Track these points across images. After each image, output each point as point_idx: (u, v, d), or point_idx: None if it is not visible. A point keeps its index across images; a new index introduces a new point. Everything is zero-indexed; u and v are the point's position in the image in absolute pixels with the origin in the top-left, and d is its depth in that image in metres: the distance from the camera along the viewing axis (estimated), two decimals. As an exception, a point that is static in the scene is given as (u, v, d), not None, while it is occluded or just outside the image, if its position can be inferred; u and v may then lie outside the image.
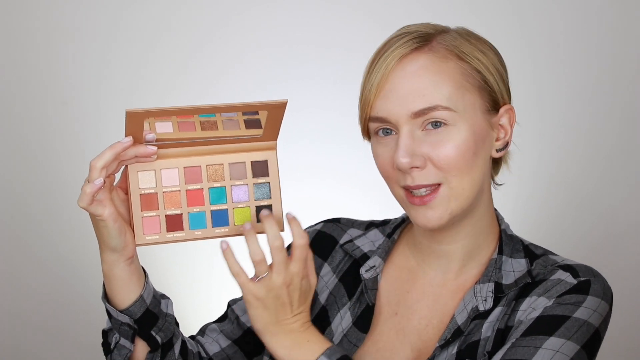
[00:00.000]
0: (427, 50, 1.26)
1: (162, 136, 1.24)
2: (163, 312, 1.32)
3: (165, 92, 2.54)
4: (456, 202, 1.27)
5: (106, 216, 1.22)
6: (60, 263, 2.52)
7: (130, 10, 2.51)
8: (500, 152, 1.31)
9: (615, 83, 2.48)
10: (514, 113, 1.31)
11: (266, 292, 1.23)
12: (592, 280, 1.26)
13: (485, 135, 1.28)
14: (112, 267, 1.26)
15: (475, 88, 1.27)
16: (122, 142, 1.21)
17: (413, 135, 1.25)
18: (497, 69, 1.29)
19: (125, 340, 1.30)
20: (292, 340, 1.26)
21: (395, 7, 2.49)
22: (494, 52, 1.31)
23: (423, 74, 1.25)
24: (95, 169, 1.19)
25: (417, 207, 1.27)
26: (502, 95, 1.29)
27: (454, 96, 1.25)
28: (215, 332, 1.45)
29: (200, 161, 1.26)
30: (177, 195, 1.26)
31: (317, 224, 1.49)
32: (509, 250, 1.34)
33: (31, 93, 2.50)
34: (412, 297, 1.36)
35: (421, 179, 1.25)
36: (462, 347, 1.28)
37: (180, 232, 1.26)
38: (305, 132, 2.52)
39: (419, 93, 1.24)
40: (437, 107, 1.24)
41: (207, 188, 1.27)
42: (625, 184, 2.49)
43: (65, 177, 2.48)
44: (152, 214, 1.25)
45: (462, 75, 1.26)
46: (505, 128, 1.31)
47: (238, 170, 1.28)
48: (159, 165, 1.25)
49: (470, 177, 1.26)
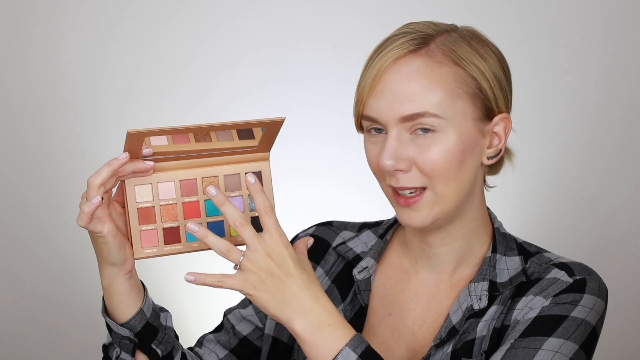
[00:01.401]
0: (423, 53, 1.25)
1: (157, 149, 1.24)
2: (163, 325, 1.32)
3: (165, 92, 2.54)
4: (440, 206, 1.27)
5: (106, 232, 1.22)
6: (60, 263, 2.52)
7: (130, 10, 2.51)
8: (492, 160, 1.30)
9: (615, 83, 2.48)
10: (509, 122, 1.29)
11: (255, 274, 1.20)
12: (588, 278, 1.27)
13: (475, 143, 1.27)
14: (112, 282, 1.27)
15: (467, 95, 1.25)
16: (119, 158, 1.21)
17: (400, 138, 1.25)
18: (495, 75, 1.27)
19: (126, 354, 1.30)
20: (311, 323, 1.20)
21: (395, 7, 2.48)
22: (497, 57, 1.29)
23: (415, 78, 1.24)
24: (93, 187, 1.19)
25: (402, 207, 1.28)
26: (497, 103, 1.27)
27: (444, 103, 1.24)
28: (212, 343, 1.45)
29: (195, 174, 1.27)
30: (174, 208, 1.27)
31: (310, 228, 1.49)
32: (503, 248, 1.34)
33: (31, 93, 2.49)
34: (405, 296, 1.36)
35: (406, 182, 1.26)
36: (457, 347, 1.29)
37: (177, 245, 1.27)
38: (305, 132, 2.52)
39: (409, 98, 1.23)
40: (426, 113, 1.23)
41: (203, 200, 1.28)
42: (626, 184, 2.49)
43: (65, 177, 2.48)
44: (150, 227, 1.26)
45: (455, 82, 1.25)
46: (500, 136, 1.29)
47: (233, 182, 1.29)
48: (156, 178, 1.26)
49: (455, 184, 1.26)
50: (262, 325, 1.45)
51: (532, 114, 2.43)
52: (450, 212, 1.28)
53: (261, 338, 1.45)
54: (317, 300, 1.21)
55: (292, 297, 1.20)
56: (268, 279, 1.20)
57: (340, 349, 1.20)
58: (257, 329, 1.45)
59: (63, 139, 2.51)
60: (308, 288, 1.21)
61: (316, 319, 1.20)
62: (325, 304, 1.21)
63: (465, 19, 1.38)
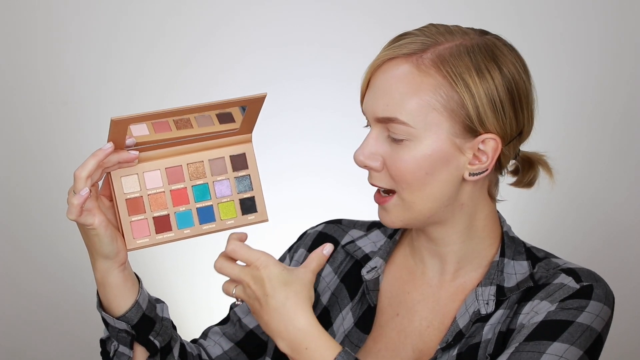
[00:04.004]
0: (414, 60, 1.24)
1: (140, 139, 1.25)
2: (159, 316, 1.32)
3: (165, 92, 2.54)
4: (409, 214, 1.27)
5: (97, 224, 1.22)
6: (59, 263, 2.52)
7: (130, 10, 2.51)
8: (474, 177, 1.26)
9: (615, 83, 2.47)
10: (499, 144, 1.25)
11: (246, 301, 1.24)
12: (595, 285, 1.26)
13: (448, 157, 1.24)
14: (106, 275, 1.26)
15: (445, 110, 1.23)
16: (103, 149, 1.22)
17: (378, 137, 1.26)
18: (490, 95, 1.23)
19: (124, 347, 1.30)
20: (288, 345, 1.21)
21: (395, 7, 2.48)
22: (508, 77, 1.25)
23: (396, 82, 1.24)
24: (80, 179, 1.19)
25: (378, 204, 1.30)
26: (481, 123, 1.23)
27: (416, 112, 1.22)
28: (217, 335, 1.45)
29: (180, 160, 1.28)
30: (162, 196, 1.27)
31: (319, 225, 1.48)
32: (511, 252, 1.33)
33: (31, 93, 2.50)
34: (412, 298, 1.36)
35: (376, 181, 1.28)
36: (462, 350, 1.28)
37: (169, 233, 1.27)
38: (304, 132, 2.52)
39: (385, 101, 1.24)
40: (395, 119, 1.23)
41: (191, 186, 1.29)
42: (626, 185, 2.49)
43: (65, 177, 2.47)
44: (140, 217, 1.26)
45: (435, 94, 1.22)
46: (487, 154, 1.25)
47: (218, 166, 1.30)
48: (141, 168, 1.27)
49: (421, 194, 1.25)
50: None
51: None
52: (422, 220, 1.28)
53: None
54: (290, 321, 1.21)
55: (270, 319, 1.22)
56: (253, 303, 1.23)
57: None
58: None
59: (63, 139, 2.51)
60: (283, 308, 1.21)
61: (292, 342, 1.21)
62: (302, 325, 1.21)
63: (465, 19, 1.38)
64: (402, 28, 1.31)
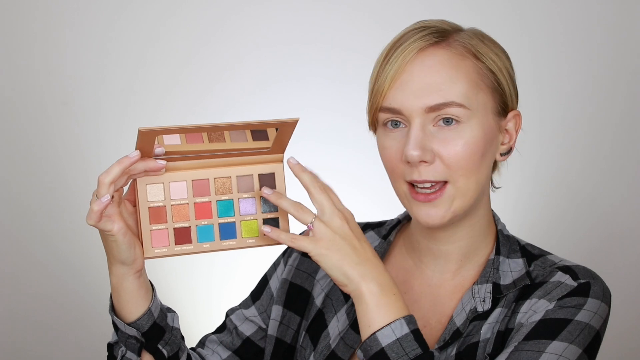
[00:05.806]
0: (445, 45, 1.27)
1: (170, 149, 1.23)
2: (169, 326, 1.32)
3: (165, 92, 2.53)
4: (460, 201, 1.27)
5: (115, 231, 1.21)
6: (60, 263, 2.52)
7: (130, 10, 2.51)
8: (504, 157, 1.31)
9: (615, 84, 2.48)
10: (520, 119, 1.31)
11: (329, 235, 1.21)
12: (592, 282, 1.27)
13: (494, 137, 1.28)
14: (122, 281, 1.26)
15: (488, 88, 1.27)
16: (129, 156, 1.19)
17: (424, 130, 1.25)
18: (509, 72, 1.29)
19: (131, 354, 1.30)
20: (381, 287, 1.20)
21: (396, 7, 2.48)
22: (506, 55, 1.31)
23: (441, 68, 1.25)
24: (104, 185, 1.18)
25: (420, 204, 1.27)
26: (512, 99, 1.30)
27: (469, 94, 1.25)
28: (214, 344, 1.45)
29: (208, 174, 1.26)
30: (186, 208, 1.26)
31: None
32: (506, 250, 1.34)
33: (31, 93, 2.49)
34: (409, 297, 1.36)
35: (428, 175, 1.25)
36: (461, 349, 1.28)
37: (188, 245, 1.26)
38: (304, 132, 2.52)
39: (436, 88, 1.24)
40: (452, 103, 1.24)
41: (215, 201, 1.27)
42: (625, 184, 2.50)
43: (65, 177, 2.48)
44: (161, 227, 1.25)
45: (478, 75, 1.26)
46: (511, 133, 1.31)
47: (246, 183, 1.28)
48: (168, 178, 1.25)
49: (476, 178, 1.26)
50: (266, 326, 1.44)
51: (532, 113, 2.43)
52: (467, 208, 1.28)
53: (264, 339, 1.45)
54: (384, 271, 1.22)
55: (366, 261, 1.21)
56: (342, 241, 1.21)
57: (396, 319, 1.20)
58: (260, 330, 1.45)
59: (63, 139, 2.51)
60: (375, 259, 1.22)
61: (386, 285, 1.21)
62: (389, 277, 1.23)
63: (465, 19, 1.38)
64: (402, 28, 1.31)
